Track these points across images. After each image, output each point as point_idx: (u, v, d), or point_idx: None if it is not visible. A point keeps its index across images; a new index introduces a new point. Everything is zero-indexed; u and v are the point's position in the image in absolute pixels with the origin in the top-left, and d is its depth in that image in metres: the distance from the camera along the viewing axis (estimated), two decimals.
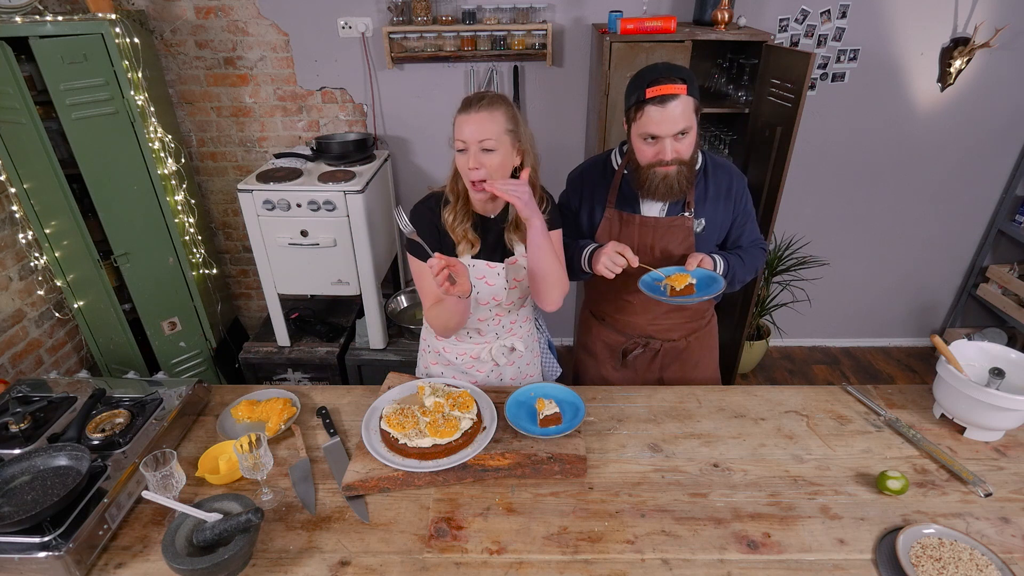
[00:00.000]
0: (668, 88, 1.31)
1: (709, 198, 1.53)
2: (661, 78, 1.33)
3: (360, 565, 1.07)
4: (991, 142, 2.87)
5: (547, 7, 2.57)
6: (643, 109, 1.35)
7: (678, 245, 1.53)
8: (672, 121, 1.34)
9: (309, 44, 2.66)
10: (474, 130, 1.26)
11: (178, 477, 1.13)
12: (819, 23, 2.61)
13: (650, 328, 1.69)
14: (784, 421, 1.44)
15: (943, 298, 3.37)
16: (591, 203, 1.59)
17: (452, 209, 1.40)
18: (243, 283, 3.31)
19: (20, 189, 2.34)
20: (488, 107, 1.27)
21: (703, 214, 1.53)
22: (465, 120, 1.27)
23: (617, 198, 1.55)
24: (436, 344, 1.63)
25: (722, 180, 1.53)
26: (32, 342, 2.54)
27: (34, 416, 1.33)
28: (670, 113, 1.33)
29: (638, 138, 1.41)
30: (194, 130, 2.84)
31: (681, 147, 1.38)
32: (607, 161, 1.59)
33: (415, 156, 2.92)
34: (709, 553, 1.09)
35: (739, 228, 1.60)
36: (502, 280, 1.46)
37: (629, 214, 1.54)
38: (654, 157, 1.39)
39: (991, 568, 1.02)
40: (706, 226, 1.54)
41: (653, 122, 1.35)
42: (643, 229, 1.54)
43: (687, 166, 1.42)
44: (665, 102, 1.32)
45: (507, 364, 1.62)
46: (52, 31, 2.11)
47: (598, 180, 1.59)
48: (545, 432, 1.30)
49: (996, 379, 1.35)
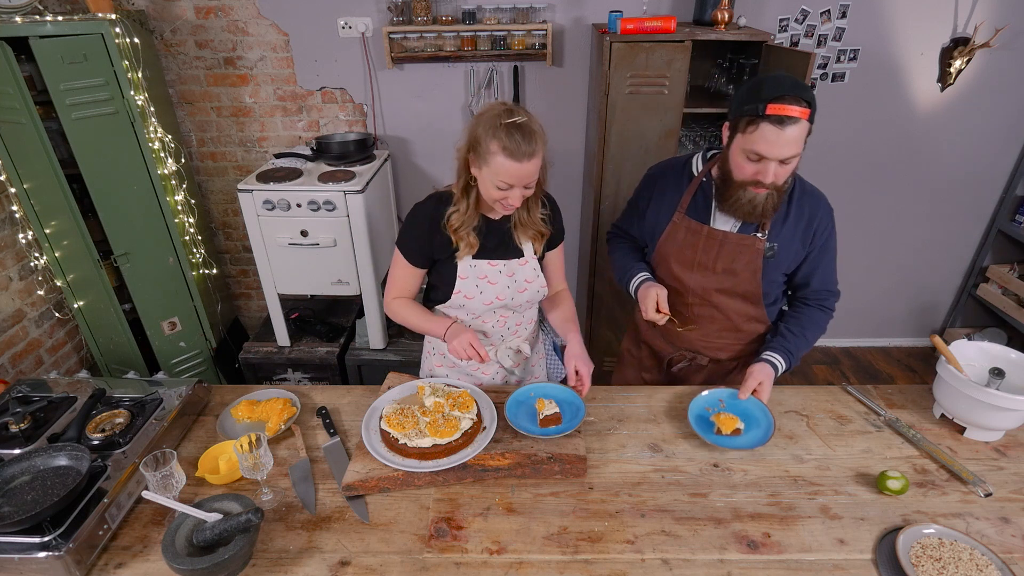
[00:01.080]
0: (792, 110, 1.21)
1: (787, 224, 1.43)
2: (787, 96, 1.21)
3: (360, 565, 1.07)
4: (991, 142, 2.87)
5: (547, 7, 2.57)
6: (758, 125, 1.24)
7: (744, 266, 1.46)
8: (786, 145, 1.24)
9: (309, 44, 2.66)
10: (524, 176, 1.26)
11: (178, 477, 1.13)
12: (819, 23, 2.61)
13: (700, 343, 1.63)
14: (784, 421, 1.43)
15: (943, 298, 3.37)
16: (660, 203, 1.53)
17: (461, 215, 1.39)
18: (243, 283, 3.31)
19: (20, 189, 2.34)
20: (535, 154, 1.25)
21: (776, 239, 1.44)
22: (516, 168, 1.24)
23: (689, 205, 1.49)
24: (442, 346, 1.63)
25: (806, 208, 1.44)
26: (32, 342, 2.54)
27: (34, 416, 1.33)
28: (786, 137, 1.23)
29: (740, 152, 1.30)
30: (194, 130, 2.84)
31: (783, 172, 1.29)
32: (687, 164, 1.52)
33: (415, 156, 2.92)
34: (709, 553, 1.09)
35: (812, 264, 1.49)
36: (504, 278, 1.46)
37: (698, 224, 1.47)
38: (752, 176, 1.30)
39: (991, 568, 1.02)
40: (777, 252, 1.45)
41: (766, 142, 1.24)
42: (709, 241, 1.47)
43: (779, 192, 1.34)
44: (784, 124, 1.22)
45: (513, 366, 1.62)
46: (52, 31, 2.11)
47: (674, 182, 1.52)
48: (545, 432, 1.30)
49: (996, 379, 1.36)
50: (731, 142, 1.34)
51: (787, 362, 1.47)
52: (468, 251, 1.42)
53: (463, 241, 1.40)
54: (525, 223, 1.44)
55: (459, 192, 1.38)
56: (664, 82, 2.24)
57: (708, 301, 1.55)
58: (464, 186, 1.37)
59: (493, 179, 1.27)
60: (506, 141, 1.22)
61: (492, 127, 1.23)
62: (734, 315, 1.56)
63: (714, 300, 1.54)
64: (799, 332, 1.51)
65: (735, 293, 1.52)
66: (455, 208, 1.39)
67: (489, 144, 1.24)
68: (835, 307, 1.55)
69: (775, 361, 1.47)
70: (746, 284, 1.49)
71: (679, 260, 1.53)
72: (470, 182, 1.36)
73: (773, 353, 1.48)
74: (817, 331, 1.52)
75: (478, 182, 1.34)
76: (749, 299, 1.53)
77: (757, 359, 1.48)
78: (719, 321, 1.58)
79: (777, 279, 1.51)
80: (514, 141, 1.22)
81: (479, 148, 1.26)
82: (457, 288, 1.45)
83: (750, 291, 1.50)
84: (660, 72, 2.22)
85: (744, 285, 1.50)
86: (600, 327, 2.83)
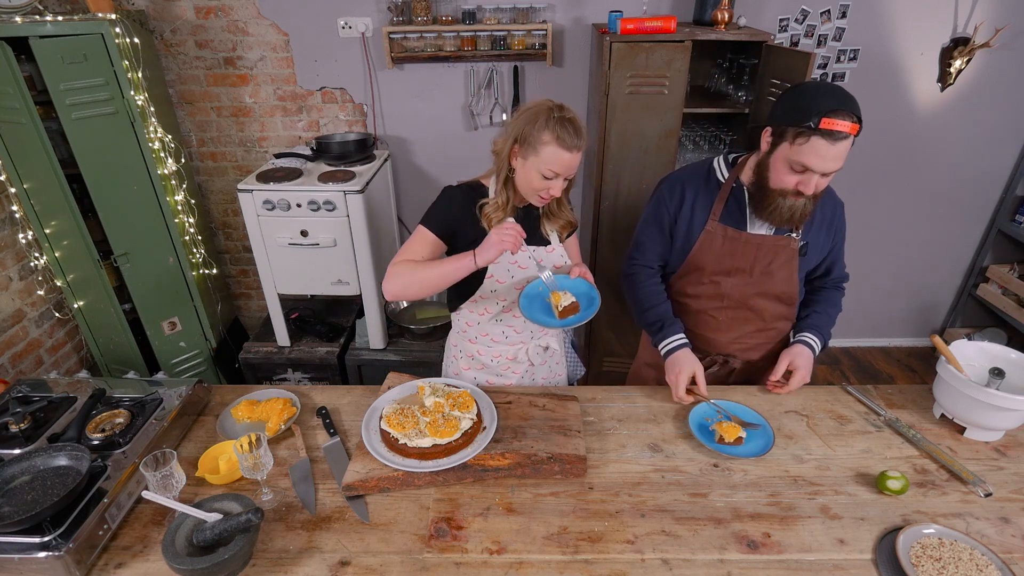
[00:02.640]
0: (844, 125, 1.20)
1: (815, 223, 1.47)
2: (841, 111, 1.20)
3: (360, 565, 1.07)
4: (991, 142, 2.87)
5: (547, 7, 2.56)
6: (808, 138, 1.23)
7: (781, 266, 1.49)
8: (834, 159, 1.24)
9: (309, 44, 2.66)
10: (571, 166, 1.34)
11: (178, 477, 1.13)
12: (819, 23, 2.61)
13: (732, 346, 1.62)
14: (784, 421, 1.43)
15: (943, 298, 3.37)
16: (691, 212, 1.51)
17: (500, 207, 1.43)
18: (243, 283, 3.31)
19: (20, 189, 2.34)
20: (582, 147, 1.33)
21: (807, 238, 1.48)
22: (566, 157, 1.31)
23: (722, 212, 1.48)
24: (469, 348, 1.64)
25: (827, 206, 1.49)
26: (32, 342, 2.54)
27: (34, 416, 1.32)
28: (837, 152, 1.23)
29: (784, 161, 1.29)
30: (194, 130, 2.84)
31: (823, 183, 1.31)
32: (710, 171, 1.51)
33: (415, 156, 2.92)
34: (709, 553, 1.09)
35: (833, 256, 1.55)
36: (533, 264, 1.47)
37: (735, 231, 1.46)
38: (793, 186, 1.30)
39: (991, 568, 1.02)
40: (808, 252, 1.49)
41: (816, 155, 1.23)
42: (748, 247, 1.47)
43: (815, 200, 1.35)
44: (836, 139, 1.21)
45: (540, 364, 1.63)
46: (52, 31, 2.11)
47: (702, 190, 1.50)
48: (564, 323, 1.32)
49: (996, 379, 1.36)
50: (774, 149, 1.32)
51: (820, 340, 1.53)
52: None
53: None
54: (555, 214, 1.51)
55: (500, 183, 1.42)
56: (664, 82, 2.24)
57: (744, 304, 1.55)
58: (504, 178, 1.41)
59: (541, 168, 1.32)
60: (559, 131, 1.30)
61: (545, 119, 1.31)
62: (768, 316, 1.57)
63: (750, 303, 1.55)
64: (823, 311, 1.57)
65: (771, 295, 1.53)
66: (492, 200, 1.43)
67: (541, 135, 1.31)
68: (845, 286, 1.64)
69: (811, 341, 1.52)
70: (783, 285, 1.52)
71: (716, 268, 1.52)
72: (510, 174, 1.41)
73: (807, 334, 1.54)
74: (836, 309, 1.60)
75: (517, 173, 1.39)
76: (784, 299, 1.55)
77: (793, 342, 1.53)
78: (753, 323, 1.58)
79: (804, 276, 1.55)
80: (567, 132, 1.30)
81: (529, 139, 1.32)
82: (489, 272, 1.47)
83: (786, 291, 1.53)
84: (660, 72, 2.22)
85: (780, 286, 1.52)
86: (600, 327, 2.83)
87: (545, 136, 1.30)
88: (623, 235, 2.55)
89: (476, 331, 1.60)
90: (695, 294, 1.58)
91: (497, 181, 1.42)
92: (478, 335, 1.61)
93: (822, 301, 1.59)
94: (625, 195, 2.48)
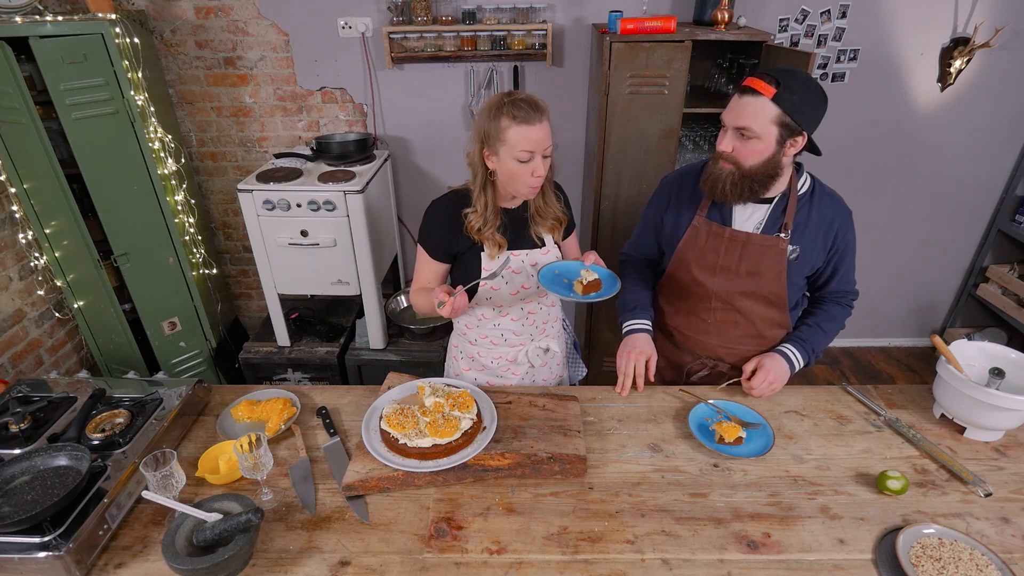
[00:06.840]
0: (756, 82, 1.27)
1: (810, 227, 1.44)
2: (762, 75, 1.28)
3: (360, 565, 1.07)
4: (991, 142, 2.87)
5: (547, 7, 2.56)
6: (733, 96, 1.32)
7: (768, 267, 1.46)
8: (738, 111, 1.29)
9: (309, 44, 2.66)
10: (541, 139, 1.31)
11: (178, 477, 1.13)
12: (819, 23, 2.61)
13: (722, 350, 1.61)
14: (784, 421, 1.43)
15: (943, 298, 3.37)
16: (679, 208, 1.53)
17: (481, 215, 1.41)
18: (243, 283, 3.31)
19: (20, 189, 2.34)
20: (543, 118, 1.31)
21: (799, 242, 1.44)
22: (530, 131, 1.29)
23: (709, 208, 1.49)
24: (470, 350, 1.64)
25: (826, 211, 1.45)
26: (32, 342, 2.54)
27: (34, 416, 1.33)
28: (742, 105, 1.28)
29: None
30: (194, 130, 2.84)
31: (740, 147, 1.31)
32: (703, 167, 1.50)
33: (415, 156, 2.92)
34: (709, 553, 1.09)
35: (833, 266, 1.51)
36: (528, 267, 1.47)
37: (719, 226, 1.47)
38: (718, 146, 1.35)
39: (991, 568, 1.02)
40: (799, 255, 1.45)
41: (728, 109, 1.32)
42: (731, 244, 1.46)
43: (744, 175, 1.33)
44: (743, 93, 1.28)
45: (541, 365, 1.63)
46: (52, 31, 2.11)
47: (692, 187, 1.51)
48: (587, 297, 1.34)
49: (996, 379, 1.35)
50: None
51: (803, 352, 1.49)
52: (497, 251, 1.44)
53: (489, 242, 1.43)
54: (543, 212, 1.48)
55: (477, 190, 1.40)
56: (664, 82, 2.24)
57: (731, 305, 1.54)
58: (482, 184, 1.39)
59: (513, 153, 1.31)
60: (514, 112, 1.29)
61: (497, 108, 1.31)
62: (757, 320, 1.55)
63: (737, 304, 1.53)
64: (814, 324, 1.53)
65: (759, 296, 1.51)
66: (473, 209, 1.42)
67: (500, 123, 1.30)
68: (853, 304, 1.58)
69: (788, 352, 1.49)
70: (770, 285, 1.49)
71: (701, 264, 1.51)
72: (488, 178, 1.39)
73: (787, 344, 1.51)
74: (834, 324, 1.55)
75: (497, 173, 1.37)
76: (773, 302, 1.52)
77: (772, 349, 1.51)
78: (742, 326, 1.57)
79: (799, 282, 1.52)
80: (521, 109, 1.29)
81: (491, 132, 1.31)
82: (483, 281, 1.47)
83: (775, 292, 1.50)
84: (660, 72, 2.22)
85: (768, 286, 1.49)
86: (600, 327, 2.83)
87: (503, 122, 1.30)
88: (623, 235, 2.55)
89: (476, 333, 1.60)
90: (685, 294, 1.58)
91: (476, 188, 1.41)
92: (478, 337, 1.61)
93: (818, 314, 1.56)
94: (625, 195, 2.48)
